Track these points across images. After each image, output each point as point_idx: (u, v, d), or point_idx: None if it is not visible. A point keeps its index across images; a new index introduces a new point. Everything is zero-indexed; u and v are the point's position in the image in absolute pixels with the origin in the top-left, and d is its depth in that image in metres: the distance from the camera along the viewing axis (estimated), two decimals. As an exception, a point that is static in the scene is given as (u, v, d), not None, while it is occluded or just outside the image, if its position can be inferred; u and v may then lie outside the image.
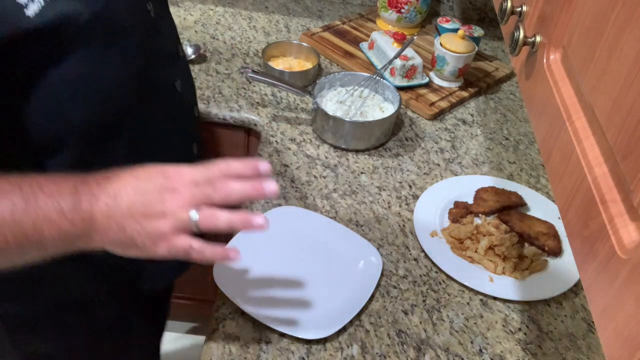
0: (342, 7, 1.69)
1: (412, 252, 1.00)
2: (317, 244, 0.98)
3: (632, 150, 0.39)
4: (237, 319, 0.87)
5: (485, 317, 0.91)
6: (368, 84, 1.25)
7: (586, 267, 0.44)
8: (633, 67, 0.40)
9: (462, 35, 1.32)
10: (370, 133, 1.18)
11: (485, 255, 0.98)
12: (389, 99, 1.24)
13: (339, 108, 1.21)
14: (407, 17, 1.52)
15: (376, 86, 1.26)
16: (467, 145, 1.25)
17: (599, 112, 0.46)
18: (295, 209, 1.04)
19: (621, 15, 0.43)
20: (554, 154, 0.54)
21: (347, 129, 1.16)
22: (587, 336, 0.90)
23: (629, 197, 0.40)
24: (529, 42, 0.62)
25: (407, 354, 0.85)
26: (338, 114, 1.18)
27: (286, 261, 0.95)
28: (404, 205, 1.09)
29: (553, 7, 0.58)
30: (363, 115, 1.21)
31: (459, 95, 1.36)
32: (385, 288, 0.94)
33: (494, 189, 1.10)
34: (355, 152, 1.18)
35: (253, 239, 0.97)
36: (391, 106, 1.23)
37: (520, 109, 1.37)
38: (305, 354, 0.84)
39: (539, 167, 1.21)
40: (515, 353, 0.87)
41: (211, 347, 0.84)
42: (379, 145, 1.21)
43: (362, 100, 1.24)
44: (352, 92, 1.24)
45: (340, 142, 1.18)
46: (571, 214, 0.48)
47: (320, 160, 1.16)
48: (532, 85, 0.63)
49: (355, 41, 1.50)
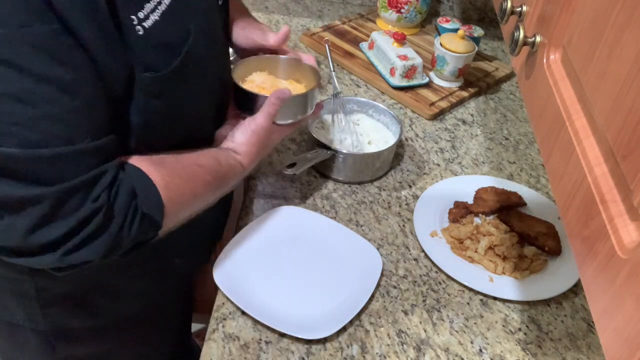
0: (342, 7, 1.69)
1: (412, 252, 1.00)
2: (317, 244, 0.98)
3: (632, 150, 0.39)
4: (237, 319, 0.87)
5: (485, 317, 0.91)
6: (336, 108, 1.17)
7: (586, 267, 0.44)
8: (633, 67, 0.40)
9: (462, 35, 1.32)
10: (372, 164, 1.12)
11: (485, 255, 0.98)
12: (383, 121, 1.18)
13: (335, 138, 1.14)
14: (407, 17, 1.52)
15: (371, 111, 1.19)
16: (467, 145, 1.25)
17: (599, 112, 0.46)
18: (295, 209, 1.04)
19: (621, 15, 0.43)
20: (554, 154, 0.54)
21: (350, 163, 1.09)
22: (587, 336, 0.90)
23: (629, 197, 0.40)
24: (529, 42, 0.62)
25: (407, 354, 0.85)
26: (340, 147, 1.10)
27: (286, 261, 0.95)
28: (404, 205, 1.09)
29: (553, 7, 0.58)
30: (361, 145, 1.14)
31: (459, 95, 1.36)
32: (385, 288, 0.94)
33: (494, 189, 1.10)
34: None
35: (253, 239, 0.97)
36: (384, 128, 1.17)
37: (520, 109, 1.38)
38: (305, 354, 0.84)
39: (539, 167, 1.21)
40: (515, 353, 0.87)
41: (211, 347, 0.84)
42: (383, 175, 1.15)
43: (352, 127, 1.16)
44: (336, 121, 1.16)
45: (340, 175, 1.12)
46: (571, 214, 0.48)
47: (320, 160, 1.16)
48: (532, 85, 0.63)
49: (355, 41, 1.50)
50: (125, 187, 0.68)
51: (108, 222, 0.66)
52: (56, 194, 0.62)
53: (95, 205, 0.65)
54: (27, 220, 0.61)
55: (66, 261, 0.65)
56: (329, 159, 1.08)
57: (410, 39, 1.50)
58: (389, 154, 1.13)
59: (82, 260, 0.66)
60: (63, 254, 0.64)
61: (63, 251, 0.64)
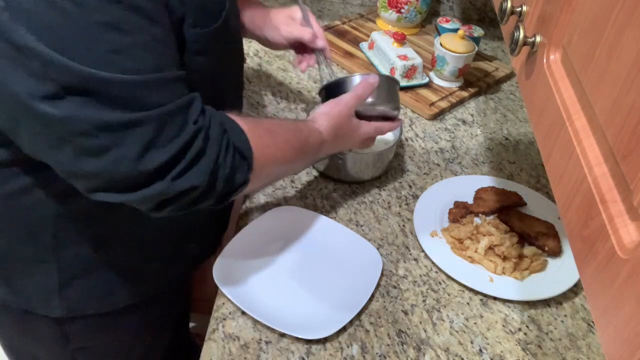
0: (342, 7, 1.69)
1: (412, 252, 1.00)
2: (317, 243, 0.98)
3: (632, 150, 0.39)
4: (237, 319, 0.87)
5: (485, 317, 0.91)
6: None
7: (586, 267, 0.44)
8: (633, 67, 0.40)
9: (462, 35, 1.32)
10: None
11: (485, 255, 0.98)
12: None
13: None
14: (407, 17, 1.52)
15: None
16: (467, 145, 1.25)
17: (599, 112, 0.46)
18: (295, 209, 1.04)
19: (621, 15, 0.43)
20: (554, 154, 0.54)
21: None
22: (587, 336, 0.90)
23: (629, 197, 0.40)
24: (529, 42, 0.62)
25: (407, 354, 0.85)
26: None
27: (286, 261, 0.96)
28: (404, 205, 1.09)
29: (553, 7, 0.58)
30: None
31: (459, 95, 1.36)
32: (385, 288, 0.94)
33: (494, 189, 1.10)
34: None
35: (253, 239, 0.97)
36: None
37: (520, 109, 1.38)
38: (305, 354, 0.84)
39: (539, 167, 1.21)
40: (515, 353, 0.87)
41: (211, 347, 0.84)
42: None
43: None
44: None
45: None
46: (571, 214, 0.48)
47: (320, 160, 1.16)
48: (532, 85, 0.63)
49: (355, 41, 1.50)
50: (216, 119, 0.72)
51: (207, 146, 0.69)
52: (158, 117, 0.64)
53: (196, 127, 0.68)
54: (134, 146, 0.64)
55: (174, 187, 0.67)
56: (329, 159, 1.08)
57: (410, 39, 1.50)
58: (388, 154, 1.13)
59: (189, 185, 0.68)
60: (172, 179, 0.67)
61: (171, 176, 0.66)
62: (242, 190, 0.76)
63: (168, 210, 0.70)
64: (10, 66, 0.59)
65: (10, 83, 0.60)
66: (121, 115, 0.62)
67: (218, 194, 0.72)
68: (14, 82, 0.60)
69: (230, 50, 0.87)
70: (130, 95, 0.63)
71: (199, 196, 0.70)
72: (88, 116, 0.61)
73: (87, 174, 0.66)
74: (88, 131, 0.62)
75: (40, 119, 0.62)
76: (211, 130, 0.70)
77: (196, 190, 0.69)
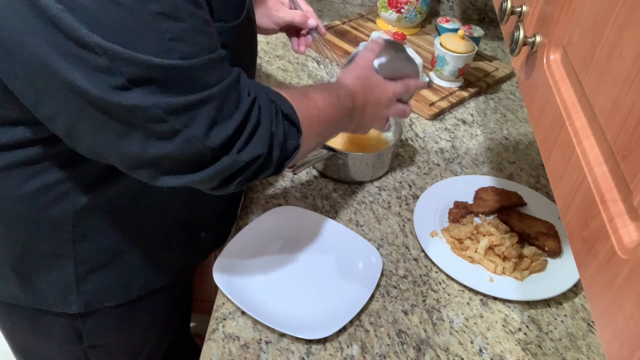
0: (342, 7, 1.69)
1: (412, 252, 1.00)
2: (317, 244, 0.98)
3: (632, 150, 0.39)
4: (237, 319, 0.87)
5: (485, 317, 0.91)
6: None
7: (586, 267, 0.44)
8: (633, 67, 0.40)
9: (462, 35, 1.32)
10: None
11: (485, 255, 0.98)
12: None
13: None
14: (407, 17, 1.52)
15: None
16: (467, 145, 1.25)
17: (599, 112, 0.46)
18: (295, 209, 1.04)
19: (621, 15, 0.43)
20: (554, 154, 0.54)
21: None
22: (587, 336, 0.90)
23: (629, 197, 0.40)
24: (529, 42, 0.62)
25: (407, 354, 0.85)
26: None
27: (286, 261, 0.96)
28: (404, 205, 1.09)
29: (553, 7, 0.58)
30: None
31: (459, 95, 1.36)
32: (385, 288, 0.94)
33: (494, 189, 1.10)
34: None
35: (253, 239, 0.97)
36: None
37: (520, 109, 1.38)
38: (305, 354, 0.84)
39: (539, 167, 1.21)
40: (515, 353, 0.87)
41: (211, 347, 0.84)
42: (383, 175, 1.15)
43: None
44: None
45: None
46: (571, 214, 0.48)
47: (320, 160, 1.16)
48: (532, 85, 0.63)
49: (355, 41, 1.50)
50: (262, 90, 0.76)
51: (261, 115, 0.73)
52: (218, 93, 0.68)
53: (250, 98, 0.72)
54: (202, 124, 0.67)
55: (242, 158, 0.70)
56: (328, 159, 1.08)
57: (410, 39, 1.50)
58: (388, 154, 1.13)
59: (254, 155, 0.71)
60: (237, 152, 0.70)
61: (237, 149, 0.70)
62: (295, 155, 0.78)
63: (235, 184, 0.73)
64: (76, 64, 0.60)
65: (75, 79, 0.61)
66: (188, 97, 0.65)
67: (275, 161, 0.75)
68: (80, 78, 0.61)
69: (248, 46, 0.90)
70: (192, 77, 0.66)
71: (261, 165, 0.73)
72: (157, 103, 0.64)
73: (156, 158, 0.68)
74: (158, 117, 0.64)
75: (109, 110, 0.63)
76: (260, 100, 0.74)
77: (259, 160, 0.72)
